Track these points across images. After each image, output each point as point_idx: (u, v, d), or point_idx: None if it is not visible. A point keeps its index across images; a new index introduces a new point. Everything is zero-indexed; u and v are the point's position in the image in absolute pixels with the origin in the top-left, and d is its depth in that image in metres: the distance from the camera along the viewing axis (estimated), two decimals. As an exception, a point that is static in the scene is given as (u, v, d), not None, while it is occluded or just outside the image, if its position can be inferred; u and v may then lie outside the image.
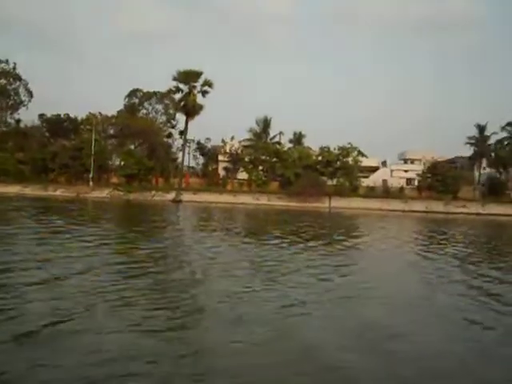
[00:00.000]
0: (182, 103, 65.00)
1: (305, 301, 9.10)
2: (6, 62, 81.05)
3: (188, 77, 64.20)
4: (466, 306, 9.41)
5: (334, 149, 72.62)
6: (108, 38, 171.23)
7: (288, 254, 16.03)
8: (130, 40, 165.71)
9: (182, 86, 65.35)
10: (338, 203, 64.87)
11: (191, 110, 63.83)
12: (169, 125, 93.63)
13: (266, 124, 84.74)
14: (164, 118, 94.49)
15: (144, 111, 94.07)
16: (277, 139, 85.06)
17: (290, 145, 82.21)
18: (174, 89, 66.29)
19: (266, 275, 11.65)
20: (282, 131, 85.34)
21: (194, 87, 64.61)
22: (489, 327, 7.99)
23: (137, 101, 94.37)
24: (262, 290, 9.90)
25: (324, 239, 22.56)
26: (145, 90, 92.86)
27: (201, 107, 64.61)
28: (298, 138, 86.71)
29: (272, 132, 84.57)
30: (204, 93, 64.66)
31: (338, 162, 71.54)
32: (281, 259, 14.53)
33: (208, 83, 64.28)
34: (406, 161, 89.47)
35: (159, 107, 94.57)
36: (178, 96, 66.95)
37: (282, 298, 9.19)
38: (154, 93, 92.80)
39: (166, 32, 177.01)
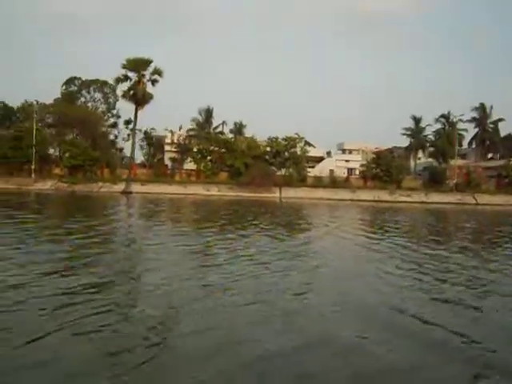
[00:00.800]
0: (132, 92, 63.00)
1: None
2: None
3: (137, 65, 62.12)
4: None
5: (283, 139, 73.03)
6: (41, 22, 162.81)
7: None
8: (65, 25, 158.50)
9: (130, 74, 63.45)
10: (288, 193, 65.75)
11: (141, 99, 61.99)
12: (109, 114, 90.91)
13: (208, 114, 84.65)
14: (104, 106, 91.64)
15: (83, 99, 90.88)
16: (219, 129, 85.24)
17: (231, 135, 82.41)
18: (122, 77, 63.96)
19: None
20: (224, 121, 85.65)
21: (144, 76, 62.83)
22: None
23: (75, 89, 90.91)
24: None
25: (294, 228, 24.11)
26: (84, 78, 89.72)
27: (151, 96, 62.88)
28: (238, 128, 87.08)
29: (215, 122, 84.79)
30: (154, 82, 63.06)
31: (287, 153, 72.12)
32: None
33: (158, 72, 62.53)
34: (344, 151, 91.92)
35: (98, 96, 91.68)
36: (126, 84, 64.92)
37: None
38: (94, 81, 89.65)
39: (107, 17, 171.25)
